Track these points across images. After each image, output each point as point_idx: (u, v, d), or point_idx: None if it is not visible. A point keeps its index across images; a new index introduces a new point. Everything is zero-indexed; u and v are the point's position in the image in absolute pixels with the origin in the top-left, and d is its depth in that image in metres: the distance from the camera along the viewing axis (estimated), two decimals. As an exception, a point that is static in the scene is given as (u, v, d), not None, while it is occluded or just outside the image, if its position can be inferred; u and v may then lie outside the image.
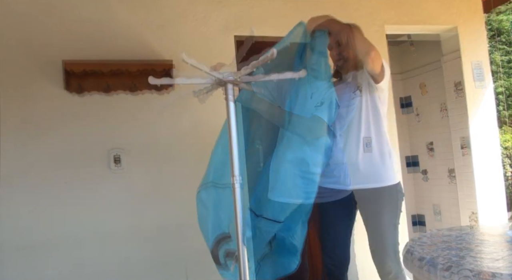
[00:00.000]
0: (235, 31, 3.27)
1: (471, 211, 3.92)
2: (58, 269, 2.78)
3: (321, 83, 2.04)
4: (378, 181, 2.27)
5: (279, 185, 1.96)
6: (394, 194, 2.30)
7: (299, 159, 1.94)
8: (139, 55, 3.00)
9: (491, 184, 3.87)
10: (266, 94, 2.15)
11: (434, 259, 1.30)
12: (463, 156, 3.98)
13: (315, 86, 2.04)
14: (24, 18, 2.87)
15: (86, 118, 2.93)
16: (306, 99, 2.04)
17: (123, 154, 2.96)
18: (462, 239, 1.58)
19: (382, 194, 2.26)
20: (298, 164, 1.95)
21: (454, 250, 1.40)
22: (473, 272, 1.15)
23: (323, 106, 2.00)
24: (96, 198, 2.90)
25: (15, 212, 2.74)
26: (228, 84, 1.69)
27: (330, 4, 3.54)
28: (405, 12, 3.75)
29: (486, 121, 3.90)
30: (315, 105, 1.99)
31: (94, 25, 2.98)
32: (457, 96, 3.97)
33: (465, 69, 3.88)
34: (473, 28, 3.94)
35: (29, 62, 2.85)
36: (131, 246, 2.91)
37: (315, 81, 2.04)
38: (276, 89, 2.26)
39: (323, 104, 2.00)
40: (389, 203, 2.28)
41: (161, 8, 3.14)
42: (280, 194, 1.96)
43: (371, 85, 2.26)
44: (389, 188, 2.28)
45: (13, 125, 2.79)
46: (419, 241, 1.61)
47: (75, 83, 2.86)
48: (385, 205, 2.27)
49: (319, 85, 2.04)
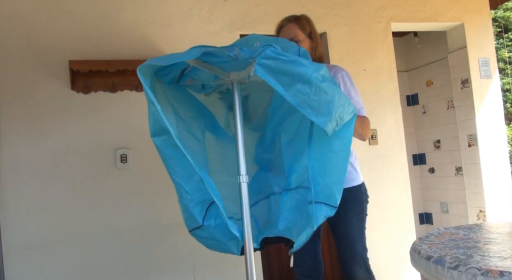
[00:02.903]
0: (240, 29, 3.27)
1: (479, 208, 3.90)
2: (65, 267, 2.79)
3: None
4: None
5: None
6: (359, 196, 2.21)
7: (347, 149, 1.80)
8: (145, 53, 3.00)
9: (499, 181, 3.85)
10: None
11: (442, 257, 1.30)
12: (470, 153, 3.96)
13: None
14: (29, 18, 2.88)
15: (93, 117, 2.94)
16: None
17: (130, 152, 2.97)
18: (469, 237, 1.57)
19: (345, 196, 2.05)
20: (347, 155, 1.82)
21: (462, 248, 1.39)
22: (481, 270, 1.14)
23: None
24: (103, 196, 2.91)
25: (22, 211, 2.76)
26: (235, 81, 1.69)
27: (336, 2, 3.54)
28: (411, 9, 3.73)
29: (493, 118, 3.88)
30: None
31: (99, 24, 2.99)
32: (464, 93, 3.95)
33: (472, 66, 3.86)
34: (480, 24, 3.91)
35: (36, 62, 2.86)
36: (139, 244, 2.92)
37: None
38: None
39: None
40: (354, 205, 2.18)
41: (166, 6, 3.14)
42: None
43: None
44: (353, 189, 2.18)
45: (20, 124, 2.80)
46: (427, 239, 1.60)
47: (81, 82, 2.87)
48: (351, 207, 2.15)
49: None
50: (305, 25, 2.25)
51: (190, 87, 2.01)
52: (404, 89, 4.81)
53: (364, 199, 2.23)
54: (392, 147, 3.58)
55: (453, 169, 4.36)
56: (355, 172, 2.23)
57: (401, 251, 3.34)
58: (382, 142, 3.54)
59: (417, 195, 4.72)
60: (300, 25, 2.24)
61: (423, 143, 4.80)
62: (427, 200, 4.81)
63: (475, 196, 3.95)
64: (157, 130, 1.69)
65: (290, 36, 2.21)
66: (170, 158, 1.72)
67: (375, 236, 3.28)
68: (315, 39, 2.27)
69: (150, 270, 2.92)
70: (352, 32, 3.56)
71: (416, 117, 4.88)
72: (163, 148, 1.72)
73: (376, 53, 3.61)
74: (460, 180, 4.21)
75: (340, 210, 1.77)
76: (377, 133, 3.53)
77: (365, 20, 3.62)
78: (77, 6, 2.97)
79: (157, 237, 2.94)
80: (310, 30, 2.26)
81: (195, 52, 1.58)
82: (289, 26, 2.25)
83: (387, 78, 3.62)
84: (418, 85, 4.82)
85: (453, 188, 4.37)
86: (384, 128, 3.56)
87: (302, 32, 2.24)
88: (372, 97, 3.53)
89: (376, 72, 3.59)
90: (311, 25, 2.29)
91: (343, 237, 2.20)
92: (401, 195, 3.57)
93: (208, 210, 1.84)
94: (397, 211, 3.54)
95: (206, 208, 1.83)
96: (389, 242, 3.46)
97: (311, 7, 3.45)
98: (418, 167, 4.87)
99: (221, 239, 1.85)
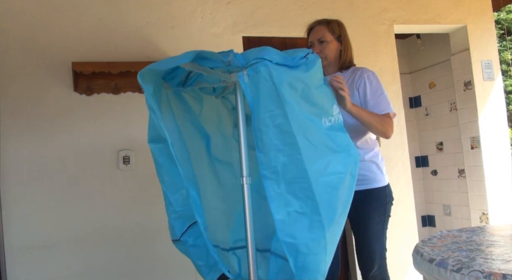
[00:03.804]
0: (242, 31, 3.28)
1: (481, 211, 3.89)
2: (67, 268, 2.79)
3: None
4: (366, 183, 2.19)
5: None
6: (383, 197, 2.23)
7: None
8: (147, 55, 3.01)
9: (502, 184, 3.84)
10: None
11: (444, 260, 1.29)
12: (473, 156, 3.95)
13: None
14: (32, 20, 2.89)
15: (95, 119, 2.94)
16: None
17: (132, 154, 2.97)
18: (472, 239, 1.57)
19: (370, 197, 2.18)
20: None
21: (465, 251, 1.39)
22: (484, 273, 1.14)
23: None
24: (106, 197, 2.91)
25: (24, 212, 2.76)
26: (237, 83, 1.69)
27: (339, 4, 3.54)
28: (414, 11, 3.73)
29: (496, 120, 3.87)
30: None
31: (102, 26, 3.00)
32: (467, 96, 3.95)
33: (474, 68, 3.85)
34: (482, 26, 3.91)
35: (38, 64, 2.87)
36: (141, 245, 2.92)
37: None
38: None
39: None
40: (378, 206, 2.21)
41: (169, 9, 3.14)
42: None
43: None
44: (377, 191, 2.21)
45: (23, 126, 2.81)
46: (429, 242, 1.59)
47: (84, 84, 2.88)
48: (374, 208, 2.19)
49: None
50: (334, 28, 2.29)
51: (202, 90, 2.01)
52: (407, 91, 4.81)
53: (388, 201, 2.25)
54: (395, 149, 3.58)
55: (455, 171, 4.35)
56: (381, 174, 2.25)
57: (403, 254, 3.32)
58: (384, 144, 3.54)
59: (420, 197, 4.71)
60: (330, 27, 2.29)
61: (426, 145, 4.79)
62: (430, 203, 4.80)
63: (478, 199, 3.94)
64: (155, 137, 1.70)
65: (318, 36, 2.27)
66: (161, 166, 1.74)
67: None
68: (344, 43, 2.31)
69: (154, 271, 2.92)
70: (355, 34, 3.55)
71: (418, 119, 4.87)
72: (157, 155, 1.73)
73: (379, 55, 3.61)
74: (463, 182, 4.20)
75: (364, 209, 1.77)
76: (380, 135, 3.53)
77: (368, 22, 3.62)
78: (80, 8, 2.98)
79: (160, 238, 2.94)
80: (340, 33, 2.30)
81: (189, 55, 1.58)
82: (319, 28, 2.30)
83: (390, 80, 3.62)
84: (421, 87, 4.81)
85: (456, 191, 4.36)
86: (387, 130, 3.55)
87: (331, 34, 2.28)
88: (374, 99, 3.52)
89: (379, 74, 3.52)
90: (342, 29, 2.33)
91: (363, 236, 2.23)
92: (403, 197, 3.56)
93: (191, 227, 1.84)
94: (399, 213, 3.53)
95: (189, 225, 1.84)
96: (391, 244, 3.43)
97: (314, 9, 3.46)
98: (420, 169, 4.86)
99: (195, 260, 1.86)
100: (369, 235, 2.21)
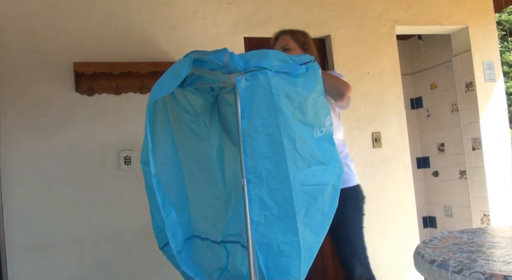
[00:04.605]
0: (244, 32, 3.28)
1: (483, 212, 3.89)
2: (68, 268, 2.79)
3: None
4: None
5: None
6: (356, 196, 2.30)
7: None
8: (149, 56, 3.01)
9: (503, 185, 3.83)
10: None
11: (446, 261, 1.29)
12: (474, 157, 3.95)
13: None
14: (34, 20, 2.89)
15: (97, 119, 2.95)
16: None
17: (134, 154, 2.97)
18: (473, 241, 1.56)
19: (344, 196, 2.18)
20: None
21: (466, 252, 1.39)
22: (485, 275, 1.14)
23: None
24: (107, 198, 2.91)
25: (25, 212, 2.76)
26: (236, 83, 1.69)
27: (340, 5, 3.54)
28: (416, 12, 3.72)
29: (497, 121, 3.87)
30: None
31: (104, 26, 3.00)
32: (468, 97, 3.94)
33: (476, 69, 3.85)
34: (484, 28, 3.91)
35: (40, 64, 2.88)
36: (143, 245, 2.92)
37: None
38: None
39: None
40: (352, 205, 2.26)
41: (171, 9, 3.15)
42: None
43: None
44: (350, 190, 2.26)
45: (24, 126, 2.81)
46: (430, 243, 1.59)
47: (85, 84, 2.88)
48: (349, 207, 2.24)
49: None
50: (299, 37, 2.37)
51: (200, 90, 2.02)
52: (408, 92, 4.80)
53: (360, 199, 2.32)
54: (396, 150, 3.58)
55: (457, 172, 4.34)
56: (352, 174, 2.32)
57: (404, 255, 3.33)
58: (386, 145, 3.54)
59: (421, 199, 4.71)
60: (294, 36, 2.36)
61: (427, 146, 4.78)
62: (431, 204, 4.79)
63: (479, 200, 3.93)
64: (146, 160, 1.73)
65: (282, 44, 2.34)
66: (149, 187, 1.78)
67: (378, 239, 3.28)
68: (310, 52, 2.34)
69: (154, 272, 2.92)
70: (356, 35, 3.56)
71: (420, 120, 4.87)
72: (146, 176, 1.77)
73: (380, 56, 3.61)
74: (464, 183, 4.19)
75: (339, 210, 1.80)
76: (381, 136, 3.52)
77: (369, 23, 3.62)
78: (81, 8, 2.98)
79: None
80: (304, 42, 2.36)
81: (187, 64, 1.60)
82: (284, 37, 2.38)
83: (391, 81, 3.61)
84: (422, 88, 4.81)
85: (457, 192, 4.35)
86: (388, 131, 3.56)
87: (295, 42, 2.34)
88: (376, 100, 3.52)
89: (380, 75, 3.59)
90: (307, 38, 2.40)
91: (343, 235, 2.26)
92: (404, 198, 3.56)
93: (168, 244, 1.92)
94: (400, 214, 3.53)
95: (167, 242, 1.91)
96: (393, 245, 3.45)
97: (315, 10, 3.46)
98: (422, 170, 4.85)
99: (177, 268, 1.95)
100: (350, 233, 2.25)
